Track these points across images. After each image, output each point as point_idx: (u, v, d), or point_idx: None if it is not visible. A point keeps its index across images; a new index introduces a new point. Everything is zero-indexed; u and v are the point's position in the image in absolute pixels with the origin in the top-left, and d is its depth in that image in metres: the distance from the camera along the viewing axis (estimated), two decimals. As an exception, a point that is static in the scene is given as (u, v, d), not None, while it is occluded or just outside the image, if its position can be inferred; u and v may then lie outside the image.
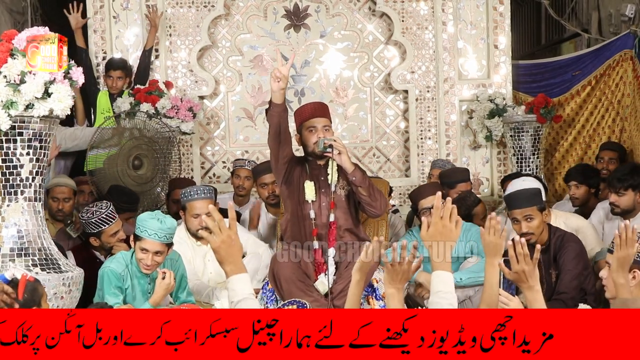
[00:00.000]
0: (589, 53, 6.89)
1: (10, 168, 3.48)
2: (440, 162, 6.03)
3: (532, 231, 4.06)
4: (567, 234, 4.20)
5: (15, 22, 6.77)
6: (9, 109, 3.35)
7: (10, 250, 3.50)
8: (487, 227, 2.98)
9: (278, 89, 3.93)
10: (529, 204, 4.10)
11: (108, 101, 6.06)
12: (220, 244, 2.51)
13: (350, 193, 4.16)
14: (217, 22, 6.70)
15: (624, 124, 6.52)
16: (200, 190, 4.51)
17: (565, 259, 4.03)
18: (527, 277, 2.68)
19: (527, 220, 4.07)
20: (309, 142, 4.11)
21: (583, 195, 5.34)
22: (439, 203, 2.71)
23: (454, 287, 4.29)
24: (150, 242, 3.82)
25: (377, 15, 6.79)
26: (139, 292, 3.97)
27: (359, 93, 6.86)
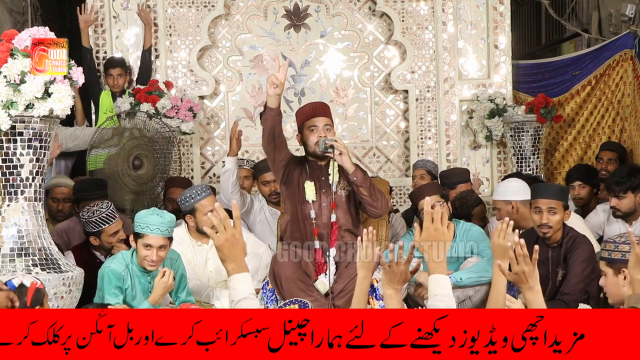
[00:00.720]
0: (589, 53, 6.89)
1: (10, 168, 3.48)
2: (421, 163, 5.98)
3: (551, 224, 4.09)
4: (580, 235, 4.20)
5: (15, 22, 6.77)
6: (9, 109, 3.34)
7: (11, 250, 3.49)
8: (498, 230, 3.01)
9: (274, 94, 3.93)
10: (558, 197, 4.11)
11: (111, 101, 6.06)
12: (223, 242, 2.51)
13: (350, 193, 4.16)
14: (217, 22, 6.70)
15: (624, 124, 6.52)
16: (204, 189, 4.52)
17: (575, 261, 4.03)
18: (527, 278, 2.69)
19: (550, 213, 4.10)
20: (310, 141, 4.12)
21: (587, 195, 5.34)
22: (428, 208, 2.72)
23: (455, 288, 4.37)
24: (153, 237, 3.85)
25: (377, 15, 6.79)
26: (140, 291, 3.97)
27: (359, 93, 6.86)
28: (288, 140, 6.64)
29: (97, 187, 4.98)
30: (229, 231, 2.51)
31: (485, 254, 4.44)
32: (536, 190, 4.22)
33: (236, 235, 2.52)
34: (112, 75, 6.06)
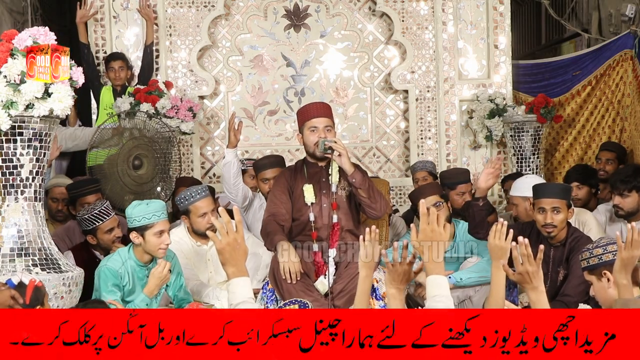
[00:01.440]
0: (589, 53, 6.89)
1: (10, 168, 3.47)
2: (421, 164, 5.97)
3: (555, 224, 4.07)
4: (584, 236, 4.19)
5: (16, 22, 6.76)
6: (9, 109, 3.34)
7: (10, 250, 3.49)
8: (493, 231, 3.03)
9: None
10: (561, 196, 4.11)
11: (111, 97, 6.07)
12: (225, 245, 2.51)
13: (351, 194, 4.15)
14: (217, 22, 6.70)
15: (624, 124, 6.52)
16: (199, 190, 4.51)
17: (577, 262, 4.02)
18: (531, 278, 2.68)
19: (554, 212, 4.08)
20: (310, 142, 4.11)
21: (585, 196, 5.33)
22: (424, 209, 2.73)
23: (455, 288, 4.37)
24: (162, 222, 3.93)
25: (377, 15, 6.78)
26: (139, 286, 3.98)
27: (359, 93, 6.85)
28: (288, 140, 6.73)
29: (89, 182, 5.01)
30: (231, 235, 2.51)
31: (485, 254, 4.43)
32: (538, 190, 4.20)
33: (238, 239, 2.52)
34: (113, 69, 6.07)
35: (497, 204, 6.51)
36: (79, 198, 4.87)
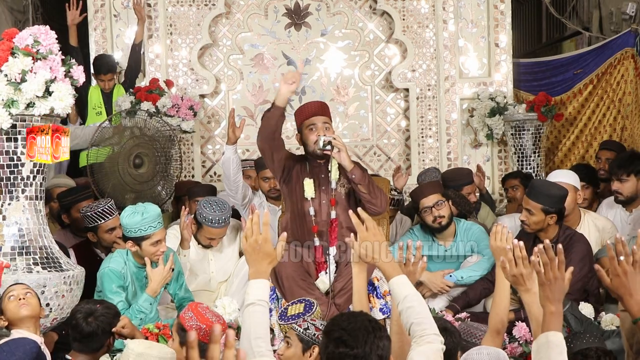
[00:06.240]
0: (590, 51, 6.89)
1: (11, 167, 3.48)
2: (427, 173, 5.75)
3: (527, 222, 4.19)
4: (576, 234, 4.20)
5: (16, 20, 6.78)
6: (10, 108, 3.35)
7: (12, 248, 3.50)
8: (493, 233, 3.07)
9: (288, 91, 3.94)
10: (537, 200, 4.14)
11: (99, 95, 6.09)
12: (247, 246, 2.60)
13: (350, 191, 4.15)
14: (217, 21, 6.70)
15: (625, 122, 6.52)
16: (223, 220, 4.39)
17: (572, 260, 4.02)
18: (525, 280, 2.69)
19: (529, 212, 4.17)
20: (309, 140, 4.11)
21: (590, 196, 5.30)
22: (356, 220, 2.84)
23: (456, 286, 4.38)
24: (158, 232, 3.91)
25: (377, 13, 6.78)
26: (139, 288, 3.99)
27: (359, 91, 6.85)
28: (288, 140, 6.73)
29: (80, 189, 5.02)
30: (254, 237, 2.58)
31: (485, 253, 4.44)
32: (532, 189, 4.27)
33: (259, 241, 2.59)
34: (103, 80, 6.09)
35: (498, 203, 6.50)
36: (72, 205, 4.85)
